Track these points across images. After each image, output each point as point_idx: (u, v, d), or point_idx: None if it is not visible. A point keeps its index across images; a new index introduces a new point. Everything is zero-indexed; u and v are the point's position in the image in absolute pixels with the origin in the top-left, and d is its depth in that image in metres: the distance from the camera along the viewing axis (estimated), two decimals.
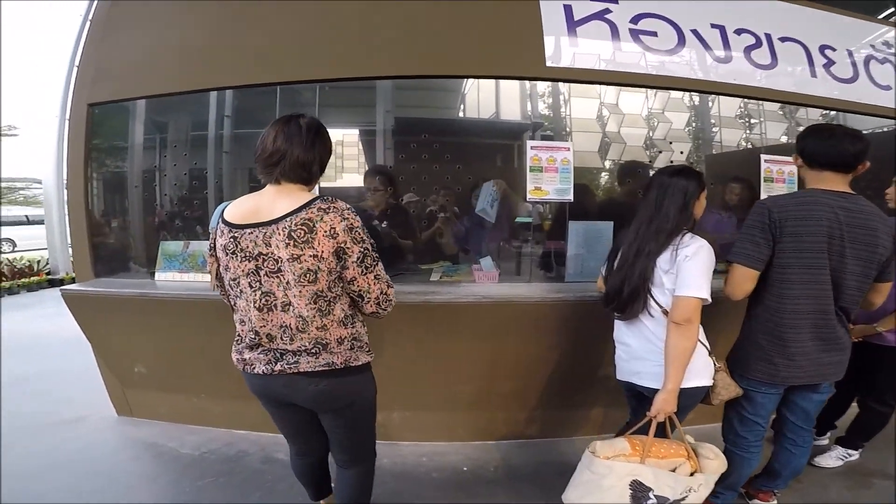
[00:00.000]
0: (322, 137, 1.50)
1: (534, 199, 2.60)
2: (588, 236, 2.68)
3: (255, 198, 1.47)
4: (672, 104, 2.90)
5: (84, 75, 2.94)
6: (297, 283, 1.39)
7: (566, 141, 2.84)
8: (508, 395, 2.77)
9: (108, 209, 3.25)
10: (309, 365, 1.47)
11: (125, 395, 3.15)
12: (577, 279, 2.71)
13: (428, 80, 2.99)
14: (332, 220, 1.37)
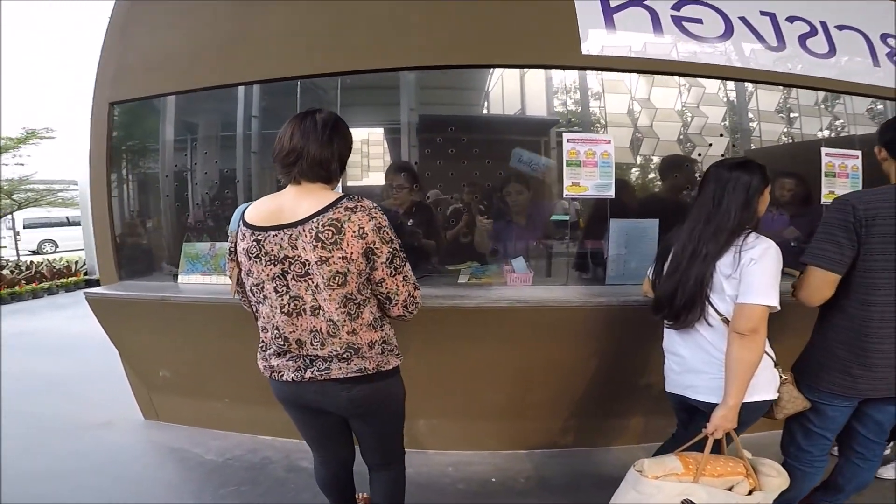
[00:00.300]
0: (340, 132, 1.42)
1: (571, 195, 2.42)
2: (631, 235, 2.48)
3: (276, 198, 1.42)
4: (707, 98, 2.70)
5: (104, 74, 2.88)
6: (327, 286, 1.33)
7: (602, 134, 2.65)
8: (541, 404, 2.61)
9: (132, 209, 3.19)
10: (341, 371, 1.41)
11: (151, 399, 3.11)
12: (619, 281, 2.53)
13: (452, 77, 2.85)
14: (361, 219, 1.32)
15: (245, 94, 2.95)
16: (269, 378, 1.51)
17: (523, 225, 2.83)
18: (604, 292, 2.40)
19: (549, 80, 2.75)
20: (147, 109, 3.08)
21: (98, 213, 2.92)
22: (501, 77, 2.82)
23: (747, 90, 2.77)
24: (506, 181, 2.78)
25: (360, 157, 2.94)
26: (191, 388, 2.97)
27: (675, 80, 2.67)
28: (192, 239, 3.00)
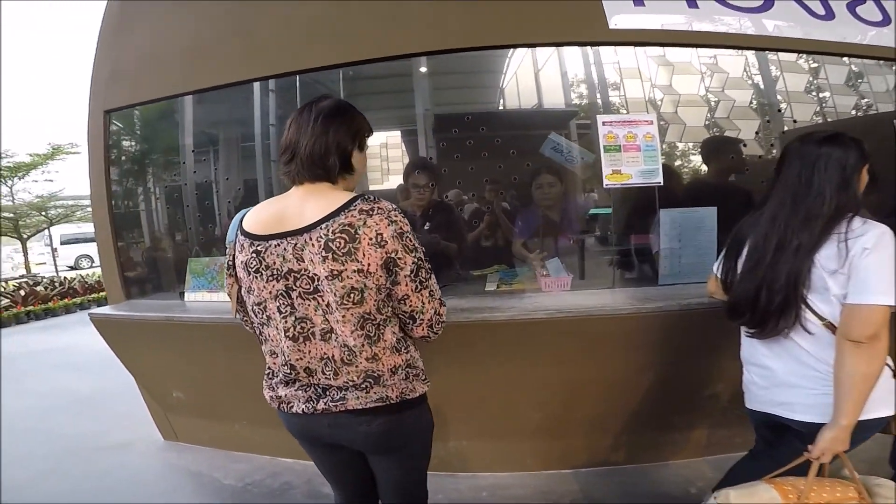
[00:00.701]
0: (337, 119, 1.18)
1: (612, 184, 2.09)
2: (685, 227, 2.14)
3: (278, 202, 1.21)
4: (732, 82, 2.39)
5: (98, 82, 2.68)
6: (340, 305, 1.10)
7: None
8: (587, 420, 2.30)
9: (137, 223, 3.01)
10: (359, 401, 1.18)
11: (168, 420, 2.93)
12: (673, 280, 2.20)
13: (467, 64, 2.58)
14: (378, 224, 1.09)
15: (261, 103, 2.73)
16: (277, 409, 1.29)
17: (557, 221, 2.50)
18: (658, 295, 2.07)
19: (565, 73, 2.46)
20: (153, 116, 2.92)
21: (100, 229, 2.73)
22: (524, 58, 2.53)
23: (773, 71, 2.44)
24: (535, 173, 2.45)
25: (378, 159, 2.74)
26: (206, 410, 2.77)
27: (696, 66, 2.36)
28: (201, 254, 2.80)
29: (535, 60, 2.53)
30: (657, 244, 2.21)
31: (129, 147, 3.04)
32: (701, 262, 2.14)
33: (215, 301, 2.55)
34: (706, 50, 2.33)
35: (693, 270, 2.15)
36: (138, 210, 3.03)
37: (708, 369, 2.13)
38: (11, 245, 13.96)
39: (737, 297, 1.40)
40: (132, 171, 3.03)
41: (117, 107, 2.69)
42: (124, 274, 2.78)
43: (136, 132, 3.01)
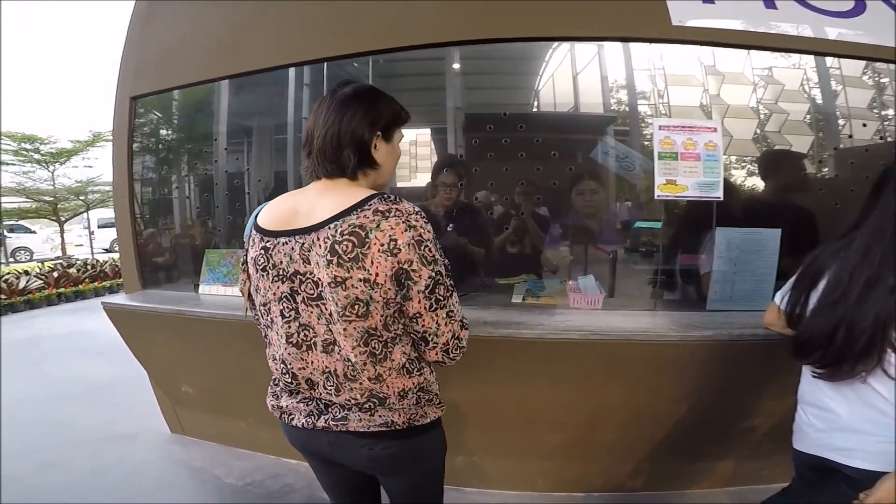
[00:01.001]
0: (355, 106, 1.02)
1: (665, 195, 1.88)
2: (743, 249, 1.92)
3: (294, 197, 1.08)
4: (787, 95, 2.17)
5: (126, 69, 2.62)
6: (343, 316, 0.97)
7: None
8: (609, 446, 2.11)
9: (162, 211, 2.95)
10: (361, 424, 1.05)
11: (176, 413, 2.85)
12: (724, 306, 1.97)
13: (500, 69, 2.48)
14: (393, 228, 0.94)
15: (295, 96, 2.63)
16: (279, 419, 1.17)
17: (596, 231, 2.31)
18: (706, 322, 1.84)
19: (605, 78, 2.27)
20: (181, 105, 2.84)
21: (120, 215, 2.66)
22: (565, 55, 2.34)
23: (834, 87, 2.21)
24: (577, 177, 2.26)
25: (407, 157, 2.60)
26: (214, 405, 2.68)
27: (749, 77, 2.13)
28: (221, 245, 2.71)
29: (573, 59, 2.34)
30: (708, 265, 1.99)
31: (157, 135, 2.98)
32: (757, 289, 1.92)
33: (229, 296, 2.44)
34: (760, 60, 2.12)
35: (746, 297, 1.93)
36: (164, 198, 2.97)
37: (749, 403, 1.92)
38: (51, 227, 14.38)
39: (808, 333, 1.22)
40: (160, 159, 2.97)
41: (143, 93, 2.62)
42: (143, 262, 2.71)
43: (166, 120, 2.95)
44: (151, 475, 2.53)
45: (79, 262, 9.44)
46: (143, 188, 2.89)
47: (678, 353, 1.78)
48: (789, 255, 1.90)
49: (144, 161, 2.89)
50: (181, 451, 2.75)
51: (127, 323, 2.47)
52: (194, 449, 2.75)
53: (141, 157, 2.84)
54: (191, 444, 2.81)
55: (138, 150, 2.81)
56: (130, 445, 2.82)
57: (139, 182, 2.83)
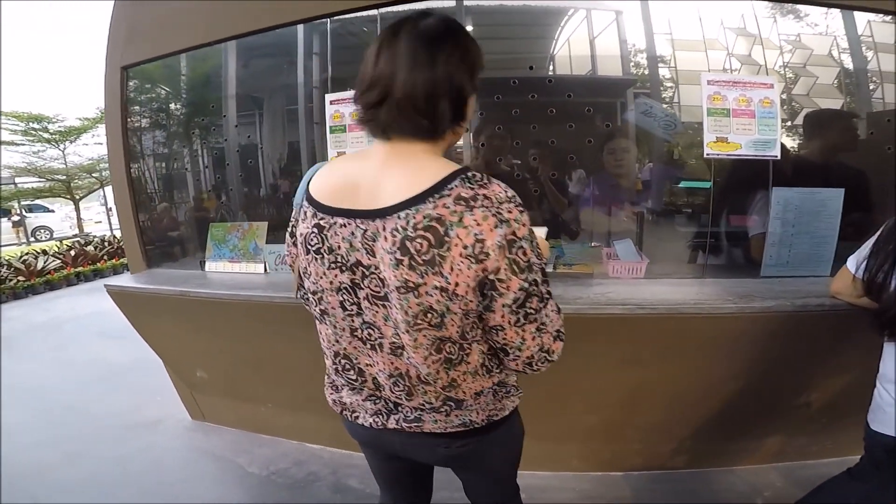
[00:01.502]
0: (451, 42, 0.77)
1: (716, 154, 1.68)
2: (802, 210, 1.72)
3: (356, 162, 0.85)
4: (815, 59, 1.96)
5: (115, 37, 2.40)
6: (412, 326, 0.78)
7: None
8: (650, 428, 1.96)
9: (160, 187, 2.78)
10: (438, 425, 0.92)
11: (195, 399, 2.74)
12: (780, 272, 1.77)
13: (514, 34, 2.23)
14: (480, 224, 0.72)
15: (304, 66, 2.42)
16: (340, 415, 1.03)
17: (632, 191, 2.12)
18: (764, 291, 1.64)
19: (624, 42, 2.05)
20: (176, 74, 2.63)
21: (118, 191, 2.49)
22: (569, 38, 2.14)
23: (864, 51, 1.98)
24: (608, 136, 2.04)
25: None
26: (231, 391, 2.56)
27: (775, 41, 1.90)
28: (229, 219, 2.54)
29: (590, 24, 2.13)
30: (760, 227, 1.79)
31: (157, 107, 2.79)
32: (816, 252, 1.74)
33: (237, 273, 2.29)
34: (789, 26, 1.91)
35: (805, 261, 1.74)
36: (168, 172, 2.80)
37: (805, 378, 1.77)
38: (69, 206, 14.45)
39: (891, 304, 1.11)
40: (167, 133, 2.79)
41: (135, 62, 2.40)
42: (148, 241, 2.57)
43: (170, 93, 2.76)
44: (175, 465, 2.45)
45: (96, 240, 9.39)
46: (156, 163, 2.75)
47: (735, 326, 1.58)
48: (846, 217, 1.72)
49: (154, 135, 2.73)
50: (203, 438, 2.66)
51: (133, 306, 2.33)
52: (216, 436, 2.66)
53: (149, 131, 2.69)
54: (212, 432, 2.72)
55: (146, 125, 2.66)
56: (153, 433, 2.74)
57: (150, 157, 2.68)
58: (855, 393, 1.28)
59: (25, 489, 2.27)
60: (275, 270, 2.26)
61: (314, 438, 2.46)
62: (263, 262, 2.28)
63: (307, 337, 2.01)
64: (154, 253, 2.60)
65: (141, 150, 2.64)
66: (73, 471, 2.41)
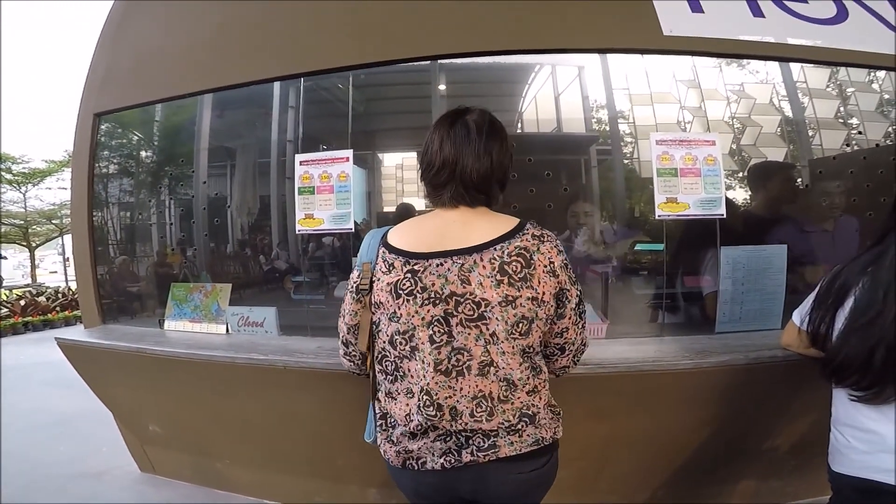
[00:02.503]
0: (499, 136, 1.07)
1: (666, 215, 1.75)
2: (750, 267, 1.80)
3: (431, 220, 1.08)
4: (759, 108, 2.13)
5: (92, 83, 2.40)
6: (509, 335, 0.98)
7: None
8: (623, 478, 1.95)
9: (122, 238, 2.70)
10: (513, 447, 1.01)
11: (145, 451, 2.56)
12: (733, 328, 1.84)
13: (485, 91, 2.36)
14: (550, 251, 1.02)
15: (279, 119, 2.43)
16: (401, 467, 1.07)
17: (591, 255, 2.16)
18: (718, 346, 1.70)
19: (586, 98, 2.16)
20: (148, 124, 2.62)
21: (78, 240, 2.40)
22: (535, 96, 2.25)
23: (802, 99, 2.17)
24: (572, 198, 2.11)
25: (394, 181, 2.51)
26: (186, 445, 2.41)
27: (722, 93, 2.07)
28: (192, 278, 2.48)
29: (555, 79, 2.23)
30: (712, 285, 1.87)
31: (123, 152, 2.75)
32: (765, 307, 1.81)
33: (198, 333, 2.21)
34: (733, 76, 2.07)
35: (756, 317, 1.81)
36: (131, 224, 2.72)
37: (769, 423, 1.81)
38: (23, 253, 13.73)
39: (842, 356, 1.15)
40: (134, 182, 2.74)
41: (107, 110, 2.39)
42: (105, 295, 2.47)
43: (141, 138, 2.73)
44: None
45: (49, 291, 9.00)
46: (120, 212, 2.67)
47: (693, 380, 1.63)
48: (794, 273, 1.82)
49: (121, 184, 2.68)
50: (152, 491, 2.49)
51: (84, 360, 2.20)
52: (167, 489, 2.49)
53: (117, 179, 2.64)
54: (163, 485, 2.54)
55: (114, 172, 2.61)
56: (98, 484, 2.59)
57: (115, 205, 2.62)
58: (820, 435, 1.32)
59: None
60: (237, 332, 2.21)
61: (273, 495, 2.32)
62: (225, 323, 2.22)
63: (268, 395, 1.96)
64: (110, 307, 2.50)
65: (106, 198, 2.58)
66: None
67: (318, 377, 1.79)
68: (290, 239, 2.45)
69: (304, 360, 1.78)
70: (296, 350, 1.88)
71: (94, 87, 2.41)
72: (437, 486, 1.08)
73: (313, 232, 2.09)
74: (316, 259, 2.44)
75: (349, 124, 2.21)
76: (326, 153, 2.09)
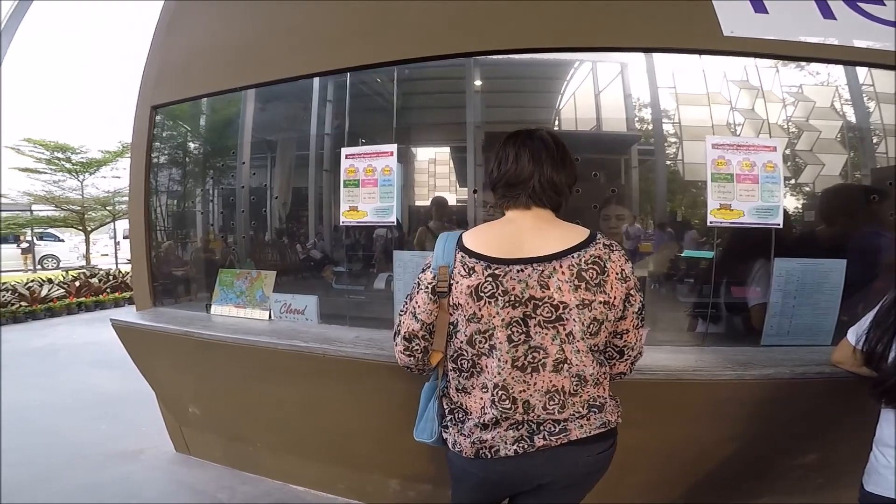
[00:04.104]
0: (569, 154, 1.21)
1: (719, 221, 1.68)
2: (804, 280, 1.71)
3: (506, 226, 1.17)
4: (818, 112, 1.99)
5: (148, 77, 2.51)
6: (585, 335, 1.08)
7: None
8: (644, 487, 1.89)
9: (175, 226, 2.82)
10: (583, 430, 1.10)
11: (182, 432, 2.67)
12: (780, 341, 1.76)
13: (521, 87, 2.34)
14: (619, 259, 1.11)
15: (318, 112, 2.50)
16: (474, 457, 1.12)
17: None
18: (763, 359, 1.62)
19: (628, 96, 2.10)
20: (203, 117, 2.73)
21: (134, 226, 2.52)
22: (574, 94, 2.19)
23: (867, 103, 2.02)
24: (605, 202, 2.06)
25: (426, 176, 2.53)
26: (221, 428, 2.50)
27: (778, 95, 1.95)
28: (238, 264, 2.56)
29: (595, 78, 2.18)
30: (760, 297, 1.79)
31: (183, 147, 2.87)
32: (816, 323, 1.72)
33: (242, 318, 2.28)
34: (791, 77, 1.95)
35: (806, 331, 1.73)
36: (184, 211, 2.85)
37: (803, 441, 1.73)
38: (78, 237, 14.42)
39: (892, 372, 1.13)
40: (184, 172, 2.86)
41: (164, 102, 2.49)
42: (156, 278, 2.57)
43: (192, 132, 2.84)
44: (152, 496, 2.37)
45: (101, 273, 9.39)
46: (169, 200, 2.79)
47: (732, 392, 1.57)
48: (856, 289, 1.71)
49: (171, 173, 2.79)
50: (185, 471, 2.58)
51: (135, 341, 2.31)
52: (198, 470, 2.58)
53: (167, 168, 2.75)
54: (195, 465, 2.63)
55: (164, 162, 2.70)
56: (133, 463, 2.66)
57: (164, 193, 2.72)
58: (853, 454, 1.27)
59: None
60: (279, 318, 2.27)
61: (300, 481, 2.38)
62: (269, 309, 2.29)
63: (304, 383, 2.00)
64: (158, 290, 2.60)
65: (156, 187, 2.69)
66: (41, 495, 2.33)
67: (353, 366, 1.82)
68: (329, 230, 2.49)
69: (342, 349, 1.82)
70: (335, 339, 1.93)
71: (150, 81, 2.52)
72: (507, 473, 1.13)
73: (357, 224, 2.12)
74: (359, 250, 2.50)
75: (394, 119, 2.23)
76: (371, 147, 2.11)
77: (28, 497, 2.30)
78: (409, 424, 1.30)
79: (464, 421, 1.14)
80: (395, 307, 2.06)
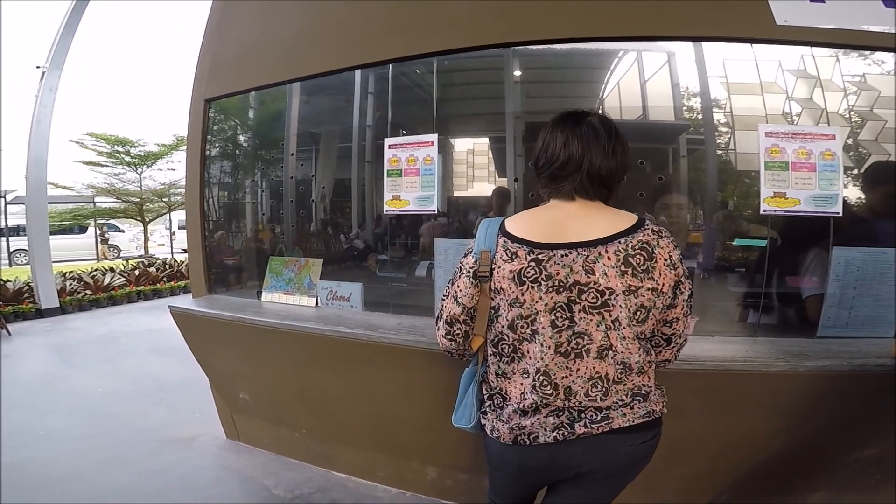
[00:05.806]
0: (622, 140, 1.13)
1: (773, 210, 1.62)
2: (864, 271, 1.63)
3: (550, 212, 1.14)
4: (883, 101, 1.85)
5: (201, 71, 2.62)
6: (631, 322, 1.05)
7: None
8: (690, 479, 1.85)
9: (227, 216, 2.95)
10: (626, 419, 1.08)
11: (233, 419, 2.79)
12: (837, 333, 1.68)
13: (562, 77, 2.30)
14: (668, 246, 1.07)
15: (360, 105, 2.55)
16: (512, 443, 1.12)
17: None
18: (819, 350, 1.56)
19: (676, 85, 2.01)
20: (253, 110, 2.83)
21: (191, 217, 2.66)
22: (619, 81, 2.12)
23: None
24: (662, 190, 2.01)
25: (465, 167, 2.50)
26: (270, 414, 2.61)
27: (839, 84, 1.83)
28: (287, 252, 2.66)
29: (641, 67, 2.10)
30: (816, 287, 1.72)
31: (234, 140, 3.00)
32: (877, 314, 1.64)
33: (290, 304, 2.37)
34: (853, 66, 1.83)
35: (865, 323, 1.65)
36: (235, 202, 2.98)
37: (860, 436, 1.64)
38: (137, 227, 15.21)
39: None
40: (234, 164, 2.99)
41: (217, 95, 2.61)
42: (211, 266, 2.70)
43: (241, 125, 2.96)
44: (203, 482, 2.47)
45: (158, 262, 9.87)
46: (220, 191, 2.91)
47: (785, 384, 1.51)
48: None
49: (222, 165, 2.91)
50: (234, 458, 2.69)
51: (191, 327, 2.44)
52: (247, 456, 2.69)
53: (218, 161, 2.86)
54: (244, 452, 2.75)
55: (216, 155, 2.82)
56: (187, 449, 2.79)
57: (216, 185, 2.84)
58: None
59: (52, 492, 2.34)
60: (325, 305, 2.35)
61: (341, 468, 2.45)
62: (316, 296, 2.37)
63: (348, 369, 2.06)
64: (212, 278, 2.73)
65: (208, 178, 2.81)
66: (103, 479, 2.46)
67: (396, 352, 1.86)
68: (372, 219, 2.54)
69: (385, 335, 1.87)
70: (378, 325, 1.98)
71: (204, 75, 2.64)
72: (546, 460, 1.12)
73: (399, 213, 2.17)
74: (402, 239, 2.55)
75: (434, 109, 2.25)
76: (414, 137, 2.15)
77: (96, 483, 2.42)
78: (448, 411, 1.31)
79: (503, 406, 1.14)
80: (436, 295, 2.08)
